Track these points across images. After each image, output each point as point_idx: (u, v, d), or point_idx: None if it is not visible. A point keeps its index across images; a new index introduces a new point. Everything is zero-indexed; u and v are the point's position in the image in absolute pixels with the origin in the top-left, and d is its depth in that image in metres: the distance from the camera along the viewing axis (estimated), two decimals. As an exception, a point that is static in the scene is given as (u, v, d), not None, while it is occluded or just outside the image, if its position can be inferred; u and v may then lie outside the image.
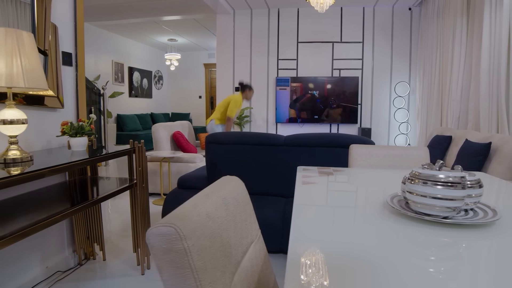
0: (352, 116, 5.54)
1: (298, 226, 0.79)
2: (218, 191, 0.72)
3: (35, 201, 1.63)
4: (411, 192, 0.96)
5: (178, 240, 0.51)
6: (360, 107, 5.62)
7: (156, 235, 0.51)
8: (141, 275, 2.08)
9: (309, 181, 1.34)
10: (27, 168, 1.39)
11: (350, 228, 0.80)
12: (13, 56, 1.38)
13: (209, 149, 2.35)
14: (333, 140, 2.21)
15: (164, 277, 0.52)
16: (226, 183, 0.80)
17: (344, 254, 0.64)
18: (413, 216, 0.92)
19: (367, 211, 0.96)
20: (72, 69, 2.16)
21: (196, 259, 0.52)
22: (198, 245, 0.54)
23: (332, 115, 5.58)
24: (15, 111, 1.49)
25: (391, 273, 0.57)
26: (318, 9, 3.81)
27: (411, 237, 0.76)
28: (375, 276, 0.55)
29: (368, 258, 0.62)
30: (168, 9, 5.42)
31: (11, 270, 1.76)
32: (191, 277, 0.52)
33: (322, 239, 0.72)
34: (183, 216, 0.54)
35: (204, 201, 0.65)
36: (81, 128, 1.85)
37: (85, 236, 2.24)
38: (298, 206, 0.99)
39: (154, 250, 0.52)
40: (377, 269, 0.58)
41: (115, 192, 1.85)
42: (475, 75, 3.74)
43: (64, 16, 2.09)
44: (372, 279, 0.55)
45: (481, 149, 3.09)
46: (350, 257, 0.62)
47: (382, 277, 0.55)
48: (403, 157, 1.78)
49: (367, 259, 0.61)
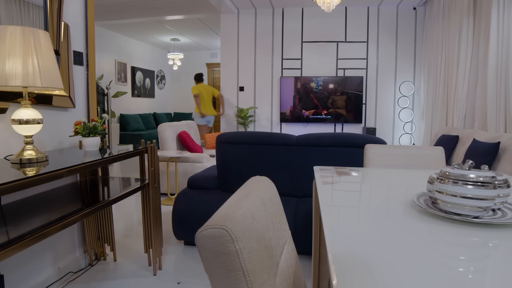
0: (356, 116, 5.53)
1: (331, 227, 0.78)
2: (255, 192, 0.71)
3: (49, 202, 1.61)
4: (441, 191, 0.95)
5: (230, 242, 0.50)
6: (365, 106, 5.61)
7: (207, 238, 0.50)
8: (153, 276, 2.07)
9: (330, 181, 1.33)
10: (43, 168, 1.38)
11: (379, 228, 0.79)
12: (30, 55, 1.37)
13: (220, 149, 2.34)
14: (345, 140, 2.20)
15: (215, 280, 0.51)
16: (259, 183, 0.79)
17: (377, 253, 0.64)
18: (441, 216, 0.91)
19: (393, 210, 0.95)
20: (83, 68, 2.14)
21: (248, 261, 0.51)
22: (248, 247, 0.53)
23: (336, 115, 5.57)
24: (30, 111, 1.47)
25: (421, 272, 0.56)
26: (325, 9, 3.80)
27: (440, 237, 0.75)
28: (406, 275, 0.55)
29: (398, 257, 0.62)
30: (172, 9, 5.41)
31: (24, 271, 1.75)
32: (243, 279, 0.51)
33: (355, 239, 0.72)
34: (231, 218, 0.53)
35: (246, 202, 0.64)
36: (94, 128, 1.83)
37: (96, 237, 2.23)
38: (325, 207, 0.98)
39: (204, 253, 0.51)
40: (408, 268, 0.58)
41: (128, 193, 1.83)
42: (482, 74, 3.73)
43: (75, 15, 2.07)
44: (403, 277, 0.54)
45: (489, 149, 3.08)
46: (383, 256, 0.62)
47: (413, 276, 0.55)
48: (419, 156, 1.77)
49: (398, 258, 0.61)
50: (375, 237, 0.73)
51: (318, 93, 5.56)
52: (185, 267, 2.18)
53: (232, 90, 5.88)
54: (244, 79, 5.83)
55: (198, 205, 2.35)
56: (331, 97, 5.55)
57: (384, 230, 0.78)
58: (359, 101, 5.50)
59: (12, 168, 1.38)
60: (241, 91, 5.86)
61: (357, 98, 5.50)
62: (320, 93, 5.56)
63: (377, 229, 0.78)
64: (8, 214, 1.43)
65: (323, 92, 5.55)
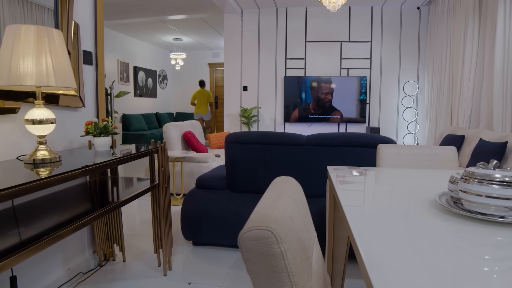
0: (360, 116, 5.53)
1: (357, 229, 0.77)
2: (286, 192, 0.71)
3: (61, 203, 1.60)
4: (465, 191, 0.94)
5: (275, 244, 0.49)
6: (369, 106, 5.61)
7: (252, 239, 0.49)
8: (163, 277, 2.06)
9: (346, 181, 1.32)
10: (56, 169, 1.37)
11: (405, 228, 0.79)
12: (44, 54, 1.36)
13: (229, 148, 2.33)
14: (355, 140, 2.19)
15: (259, 282, 0.50)
16: (287, 184, 0.79)
17: (404, 253, 0.63)
18: (465, 215, 0.91)
19: (416, 210, 0.95)
20: (92, 68, 2.13)
21: (292, 262, 0.51)
22: (291, 248, 0.52)
23: (340, 115, 5.57)
24: (44, 111, 1.46)
25: (446, 272, 0.56)
26: (330, 9, 3.79)
27: (464, 236, 0.75)
28: (431, 274, 0.55)
29: (426, 257, 0.62)
30: (176, 8, 5.39)
31: (35, 272, 1.74)
32: (288, 281, 0.50)
33: (382, 239, 0.71)
34: (273, 219, 0.52)
35: (281, 202, 0.63)
36: (105, 128, 1.82)
37: (105, 237, 2.22)
38: (347, 208, 0.98)
39: (249, 255, 0.50)
40: (434, 267, 0.57)
41: (139, 194, 1.82)
42: (487, 74, 3.72)
43: (85, 15, 2.06)
44: (428, 277, 0.54)
45: (496, 149, 3.08)
46: (409, 256, 0.62)
47: (439, 275, 0.55)
48: (432, 156, 1.76)
49: (424, 257, 0.61)
50: (403, 238, 0.72)
51: (322, 93, 5.56)
52: (195, 267, 2.17)
53: (235, 89, 5.87)
54: (248, 79, 5.82)
55: (207, 205, 2.34)
56: (335, 97, 5.54)
57: (410, 231, 0.77)
58: (363, 101, 5.49)
59: (25, 168, 1.37)
60: (244, 91, 5.86)
61: (361, 98, 5.49)
62: (324, 93, 5.55)
63: (404, 230, 0.78)
64: (21, 215, 1.42)
65: (326, 92, 5.55)
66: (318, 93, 5.57)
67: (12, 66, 1.31)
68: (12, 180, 1.12)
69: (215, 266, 2.18)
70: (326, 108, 5.59)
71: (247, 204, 2.30)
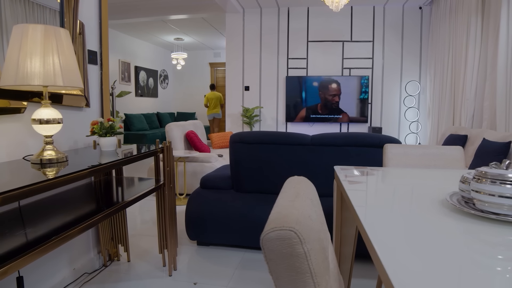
0: (362, 115, 5.52)
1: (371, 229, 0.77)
2: (302, 192, 0.70)
3: (66, 204, 1.59)
4: (478, 191, 0.94)
5: (299, 244, 0.49)
6: (371, 106, 5.60)
7: (275, 240, 0.49)
8: (169, 277, 2.05)
9: (355, 181, 1.32)
10: (63, 169, 1.36)
11: (419, 229, 0.79)
12: (52, 53, 1.36)
13: (233, 148, 2.33)
14: (360, 140, 2.18)
15: (281, 283, 0.50)
16: (301, 184, 0.78)
17: (419, 253, 0.63)
18: (477, 215, 0.91)
19: (428, 210, 0.95)
20: (97, 67, 2.13)
21: (315, 263, 0.50)
22: (313, 249, 0.51)
23: (342, 114, 5.56)
24: (51, 110, 1.46)
25: (459, 271, 0.56)
26: (333, 8, 3.79)
27: (476, 236, 0.75)
28: (444, 274, 0.55)
29: (439, 256, 0.62)
30: (177, 8, 5.39)
31: (41, 272, 1.73)
32: (311, 282, 0.49)
33: (396, 239, 0.71)
34: (295, 219, 0.52)
35: (298, 202, 0.63)
36: (111, 128, 1.82)
37: (109, 237, 2.22)
38: (359, 208, 0.97)
39: (272, 255, 0.49)
40: (447, 267, 0.57)
41: (144, 194, 1.82)
42: (490, 73, 3.72)
43: (89, 14, 2.06)
44: (442, 276, 0.54)
45: (500, 148, 3.08)
46: (424, 255, 0.62)
47: (451, 275, 0.55)
48: (438, 156, 1.76)
49: (437, 257, 0.61)
50: (416, 238, 0.72)
51: (324, 93, 5.55)
52: (200, 267, 2.17)
53: (237, 89, 5.87)
54: (250, 79, 5.82)
55: (212, 205, 2.34)
56: (337, 96, 5.54)
57: (422, 230, 0.77)
58: (365, 101, 5.49)
59: (33, 168, 1.36)
60: (246, 91, 5.85)
61: (363, 98, 5.48)
62: (326, 93, 5.55)
63: (416, 229, 0.78)
64: (27, 215, 1.41)
65: (328, 92, 5.54)
66: (320, 93, 5.56)
67: (19, 66, 1.30)
68: (21, 180, 1.12)
69: (220, 266, 2.18)
70: (328, 108, 5.58)
71: (251, 204, 2.29)
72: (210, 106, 7.65)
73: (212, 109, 7.67)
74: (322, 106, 5.59)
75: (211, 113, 7.69)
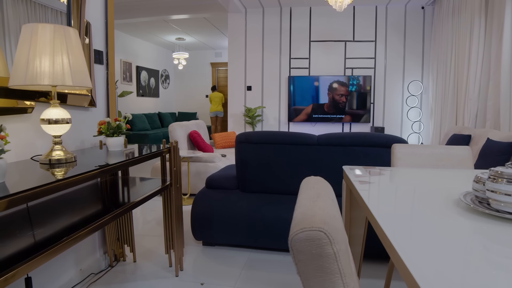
0: (365, 115, 5.52)
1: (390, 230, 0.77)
2: (323, 192, 0.70)
3: (73, 205, 1.58)
4: (494, 191, 0.94)
5: (328, 245, 0.48)
6: (373, 106, 5.60)
7: (304, 241, 0.48)
8: (175, 277, 2.05)
9: (365, 181, 1.32)
10: (72, 169, 1.36)
11: (432, 227, 0.79)
12: (61, 53, 1.35)
13: (239, 148, 2.32)
14: (367, 140, 2.18)
15: (311, 284, 0.49)
16: (319, 184, 0.78)
17: (437, 252, 0.63)
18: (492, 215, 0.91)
19: (440, 210, 0.95)
20: (103, 67, 2.12)
21: (343, 263, 0.50)
22: (342, 249, 0.51)
23: (344, 114, 5.56)
24: (59, 110, 1.45)
25: (476, 271, 0.56)
26: (337, 8, 3.78)
27: (492, 235, 0.75)
28: (463, 273, 0.55)
29: (456, 256, 0.62)
30: (179, 8, 5.38)
31: (48, 273, 1.73)
32: (340, 282, 0.49)
33: (414, 239, 0.71)
34: (322, 220, 0.52)
35: (321, 202, 0.62)
36: (118, 128, 1.81)
37: (115, 237, 2.21)
38: (373, 206, 0.97)
39: (300, 256, 0.49)
40: (464, 266, 0.57)
41: (151, 195, 1.81)
42: (494, 73, 3.72)
43: (95, 14, 2.05)
44: (461, 276, 0.54)
45: (505, 148, 3.07)
46: (443, 255, 0.62)
47: (469, 274, 0.55)
48: (447, 156, 1.75)
49: (455, 257, 0.61)
50: (433, 238, 0.72)
51: (326, 93, 5.55)
52: (206, 267, 2.17)
53: (239, 89, 5.86)
54: (252, 79, 5.82)
55: (218, 205, 2.33)
56: (339, 96, 5.54)
57: (438, 230, 0.77)
58: (367, 101, 5.49)
59: (41, 169, 1.36)
60: (248, 91, 5.85)
61: (365, 98, 5.48)
62: (328, 93, 5.55)
63: (432, 229, 0.77)
64: (35, 217, 1.41)
65: (331, 92, 5.54)
66: (322, 92, 5.56)
67: (29, 66, 1.30)
68: (33, 181, 1.11)
69: (227, 267, 2.18)
70: (331, 108, 5.58)
71: (257, 204, 2.29)
72: (213, 103, 8.20)
73: (215, 106, 8.20)
74: (324, 105, 5.58)
75: (214, 111, 8.21)
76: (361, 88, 5.48)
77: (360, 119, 5.53)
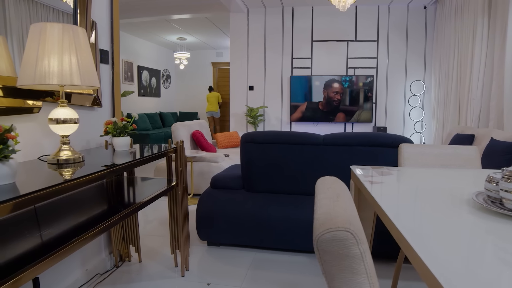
0: (367, 115, 5.52)
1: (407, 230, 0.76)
2: (341, 192, 0.69)
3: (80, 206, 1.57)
4: (508, 190, 0.94)
5: (355, 245, 0.48)
6: (375, 105, 5.60)
7: (331, 241, 0.48)
8: (181, 277, 2.04)
9: (375, 181, 1.31)
10: (80, 169, 1.35)
11: (446, 226, 0.78)
12: (69, 52, 1.35)
13: (244, 148, 2.32)
14: (373, 139, 2.18)
15: (337, 285, 0.49)
16: (336, 183, 0.77)
17: (454, 252, 0.62)
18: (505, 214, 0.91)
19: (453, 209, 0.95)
20: (108, 67, 2.12)
21: (369, 263, 0.49)
22: (367, 249, 0.51)
23: (346, 114, 5.56)
24: (67, 110, 1.45)
25: (489, 271, 0.56)
26: (340, 8, 3.78)
27: (506, 235, 0.74)
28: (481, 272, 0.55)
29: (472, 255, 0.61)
30: (181, 8, 5.38)
31: (55, 273, 1.72)
32: (367, 283, 0.48)
33: (431, 238, 0.71)
34: (346, 220, 0.51)
35: (342, 203, 0.62)
36: (125, 128, 1.81)
37: (121, 238, 2.21)
38: (386, 206, 0.97)
39: (327, 257, 0.49)
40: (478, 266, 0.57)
41: (158, 195, 1.81)
42: (497, 73, 3.71)
43: (101, 13, 2.05)
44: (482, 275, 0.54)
45: (508, 148, 3.07)
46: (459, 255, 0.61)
47: (483, 274, 0.54)
48: (454, 156, 1.75)
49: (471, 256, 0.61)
50: (448, 237, 0.72)
51: (328, 92, 5.55)
52: (211, 267, 2.16)
53: (241, 89, 5.86)
54: (254, 78, 5.81)
55: (223, 205, 2.33)
56: (341, 96, 5.53)
57: (452, 230, 0.77)
58: (370, 100, 5.49)
59: (49, 169, 1.35)
60: (250, 90, 5.84)
61: (367, 97, 5.48)
62: (330, 92, 5.54)
63: (446, 229, 0.77)
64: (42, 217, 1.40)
65: (333, 91, 5.53)
66: (324, 92, 5.55)
67: (37, 65, 1.29)
68: (40, 181, 1.11)
69: (233, 267, 2.17)
70: (333, 107, 5.58)
71: (263, 204, 2.28)
72: (209, 103, 8.26)
73: (211, 106, 8.23)
74: (326, 105, 5.58)
75: (209, 111, 8.25)
76: (356, 86, 5.47)
77: (362, 119, 5.52)
